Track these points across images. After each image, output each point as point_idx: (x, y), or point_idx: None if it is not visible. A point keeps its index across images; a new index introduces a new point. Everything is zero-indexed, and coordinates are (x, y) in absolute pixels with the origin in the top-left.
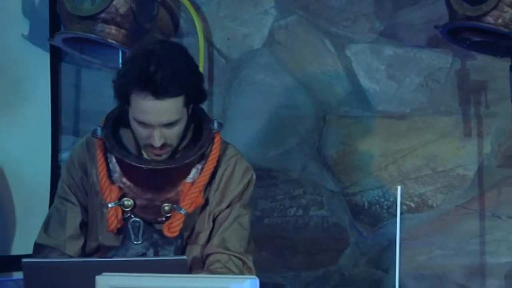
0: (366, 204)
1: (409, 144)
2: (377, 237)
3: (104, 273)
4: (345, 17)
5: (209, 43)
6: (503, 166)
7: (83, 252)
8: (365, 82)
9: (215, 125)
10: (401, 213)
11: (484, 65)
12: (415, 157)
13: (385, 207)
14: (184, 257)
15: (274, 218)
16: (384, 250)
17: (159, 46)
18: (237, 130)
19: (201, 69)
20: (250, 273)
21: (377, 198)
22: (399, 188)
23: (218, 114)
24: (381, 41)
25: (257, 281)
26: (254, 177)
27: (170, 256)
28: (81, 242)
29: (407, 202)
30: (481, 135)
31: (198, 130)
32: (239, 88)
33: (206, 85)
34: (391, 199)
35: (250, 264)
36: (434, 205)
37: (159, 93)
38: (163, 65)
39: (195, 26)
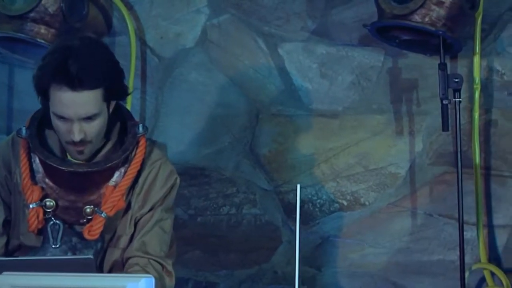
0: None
1: (341, 142)
2: (310, 235)
3: (4, 272)
4: (277, 16)
5: (142, 42)
6: (435, 164)
7: (6, 250)
8: (297, 80)
9: (140, 129)
10: (333, 212)
11: (416, 63)
12: (348, 155)
13: (318, 205)
14: (91, 256)
15: (207, 217)
16: (317, 248)
17: (78, 41)
18: (170, 129)
19: (133, 68)
20: (170, 277)
21: (309, 196)
22: (298, 186)
23: (151, 113)
24: (314, 40)
25: (153, 280)
26: (178, 181)
27: (76, 256)
28: (3, 239)
29: (340, 200)
30: (413, 133)
31: (123, 133)
32: (172, 87)
33: (138, 84)
34: (324, 197)
35: (170, 268)
36: (367, 203)
37: (75, 84)
38: (80, 58)
39: (127, 25)
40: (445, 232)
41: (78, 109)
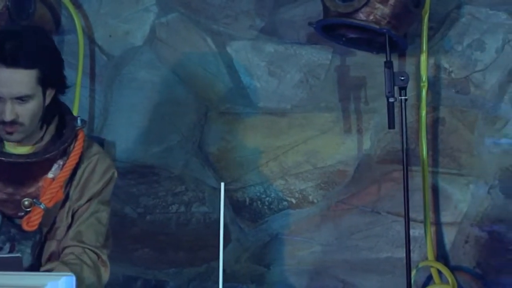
0: (247, 200)
1: (290, 140)
2: (258, 233)
3: None
4: (226, 14)
5: (91, 40)
6: (383, 162)
7: None
8: (246, 78)
9: (79, 122)
10: (282, 209)
11: (364, 61)
12: (296, 153)
13: (267, 203)
14: (19, 255)
15: (156, 215)
16: (265, 245)
17: (19, 26)
18: (119, 127)
19: (81, 66)
20: (105, 267)
21: (258, 194)
22: (222, 184)
23: (100, 111)
24: (262, 38)
25: (73, 278)
26: (116, 175)
27: (3, 254)
28: None
29: (288, 198)
30: (361, 131)
31: (62, 127)
32: (121, 85)
33: (87, 82)
34: (272, 195)
35: (105, 257)
36: (315, 201)
37: (8, 61)
38: (18, 38)
39: (75, 24)
40: (393, 230)
41: (11, 88)
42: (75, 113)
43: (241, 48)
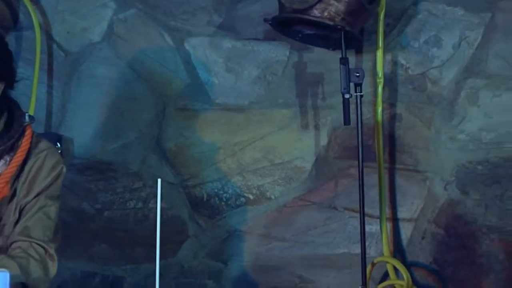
0: (205, 196)
1: (247, 136)
2: (216, 229)
3: None
4: (183, 11)
5: (48, 36)
6: (340, 158)
7: None
8: (204, 75)
9: (26, 118)
10: (239, 205)
11: (321, 58)
12: (254, 150)
13: (224, 199)
14: None
15: (114, 211)
16: (223, 242)
17: None
18: (77, 124)
19: (38, 62)
20: (52, 260)
21: (216, 190)
22: (159, 180)
23: (58, 108)
24: (220, 35)
25: (8, 275)
26: (64, 170)
27: None
28: None
29: (246, 194)
30: (318, 127)
31: (10, 123)
32: (79, 81)
33: (45, 79)
34: (230, 191)
35: (52, 251)
36: (273, 197)
37: None
38: None
39: (33, 20)
40: (350, 226)
41: None
42: (31, 110)
43: (199, 44)
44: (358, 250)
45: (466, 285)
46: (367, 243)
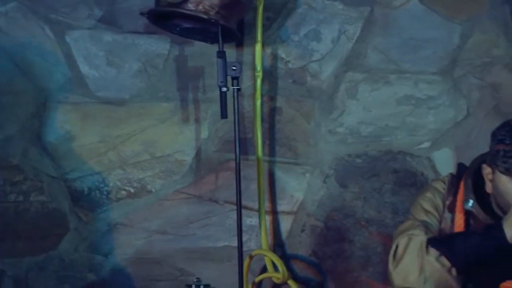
0: (86, 189)
1: (128, 130)
2: (97, 223)
3: None
4: (64, 4)
5: None
6: (220, 151)
7: None
8: (84, 68)
9: None
10: (120, 199)
11: (202, 51)
12: (134, 143)
13: (105, 192)
14: None
15: None
16: (104, 235)
17: None
18: None
19: None
20: None
21: (97, 183)
22: None
23: None
24: (100, 28)
25: None
26: None
27: None
28: None
29: (127, 188)
30: (199, 121)
31: None
32: None
33: None
34: (111, 184)
35: None
36: (153, 190)
37: None
38: None
39: None
40: (230, 219)
41: None
42: None
43: (80, 38)
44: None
45: (345, 277)
46: (247, 236)
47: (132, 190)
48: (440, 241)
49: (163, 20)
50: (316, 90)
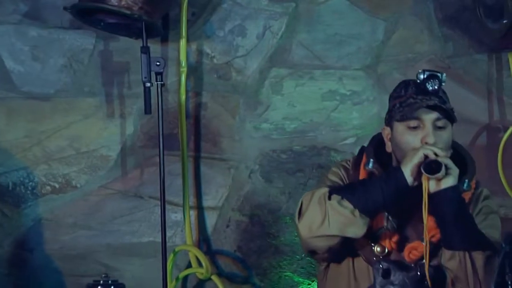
0: (10, 185)
1: (53, 125)
2: (22, 218)
3: None
4: None
5: None
6: (145, 147)
7: None
8: (9, 63)
9: None
10: (45, 194)
11: (127, 46)
12: (59, 138)
13: (30, 188)
14: None
15: None
16: (28, 230)
17: None
18: None
19: None
20: None
21: (21, 179)
22: None
23: None
24: (25, 23)
25: None
26: None
27: None
28: None
29: (51, 183)
30: (124, 116)
31: None
32: None
33: None
34: (36, 180)
35: None
36: (78, 185)
37: None
38: None
39: None
40: (155, 214)
41: None
42: None
43: (5, 33)
44: None
45: (270, 273)
46: (172, 232)
47: (57, 186)
48: (341, 188)
49: (87, 15)
50: (241, 85)
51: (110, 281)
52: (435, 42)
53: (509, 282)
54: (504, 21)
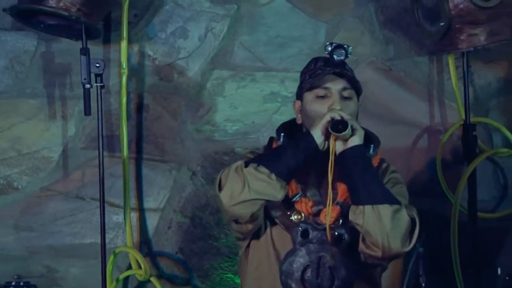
0: None
1: None
2: None
3: None
4: None
5: None
6: (87, 148)
7: None
8: None
9: None
10: None
11: (69, 48)
12: (1, 140)
13: None
14: None
15: None
16: None
17: None
18: None
19: None
20: None
21: None
22: None
23: None
24: None
25: None
26: None
27: None
28: None
29: None
30: (66, 117)
31: None
32: None
33: None
34: None
35: None
36: (20, 187)
37: None
38: None
39: None
40: (96, 216)
41: None
42: None
43: None
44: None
45: (211, 274)
46: (114, 233)
47: None
48: (256, 158)
49: (28, 16)
50: (183, 87)
51: (22, 283)
52: (376, 44)
53: (423, 284)
54: (442, 24)
